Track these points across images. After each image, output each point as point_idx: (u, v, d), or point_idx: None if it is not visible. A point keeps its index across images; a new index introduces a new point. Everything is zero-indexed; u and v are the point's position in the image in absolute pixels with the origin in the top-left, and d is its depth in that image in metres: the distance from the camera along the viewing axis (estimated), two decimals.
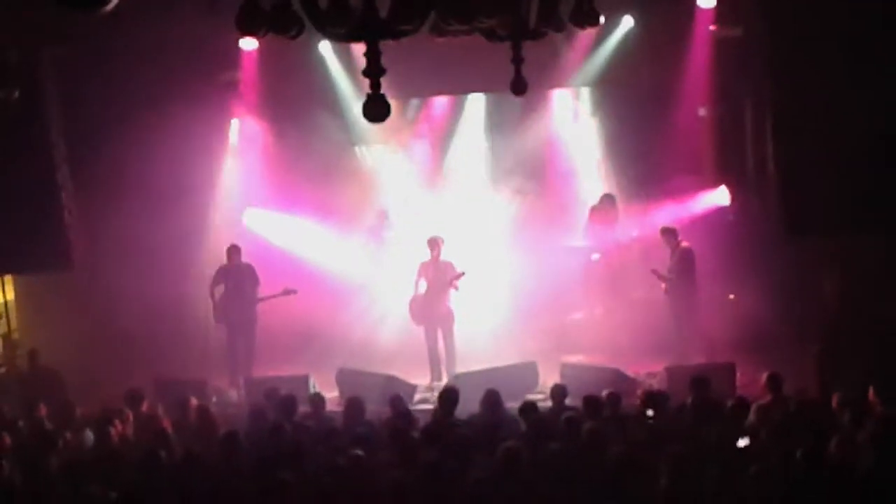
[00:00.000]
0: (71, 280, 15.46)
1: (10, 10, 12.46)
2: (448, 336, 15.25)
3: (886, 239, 13.87)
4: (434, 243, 15.27)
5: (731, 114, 16.16)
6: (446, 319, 15.25)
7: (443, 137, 17.44)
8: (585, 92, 16.95)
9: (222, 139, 16.73)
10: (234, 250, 15.58)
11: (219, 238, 16.18)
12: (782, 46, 13.52)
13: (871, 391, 10.47)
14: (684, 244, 15.03)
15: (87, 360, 15.04)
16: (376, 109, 4.94)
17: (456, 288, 15.08)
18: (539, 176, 16.94)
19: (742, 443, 9.66)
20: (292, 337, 15.87)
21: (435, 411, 11.54)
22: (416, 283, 15.38)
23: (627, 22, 15.30)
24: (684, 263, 14.93)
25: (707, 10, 14.99)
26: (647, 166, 16.19)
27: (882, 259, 14.07)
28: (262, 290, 15.50)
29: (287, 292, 15.33)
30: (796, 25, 13.18)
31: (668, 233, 15.10)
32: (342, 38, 5.07)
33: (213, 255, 15.92)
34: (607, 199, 16.72)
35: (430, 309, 15.20)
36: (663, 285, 15.00)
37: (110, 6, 6.58)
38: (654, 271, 15.01)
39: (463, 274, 15.00)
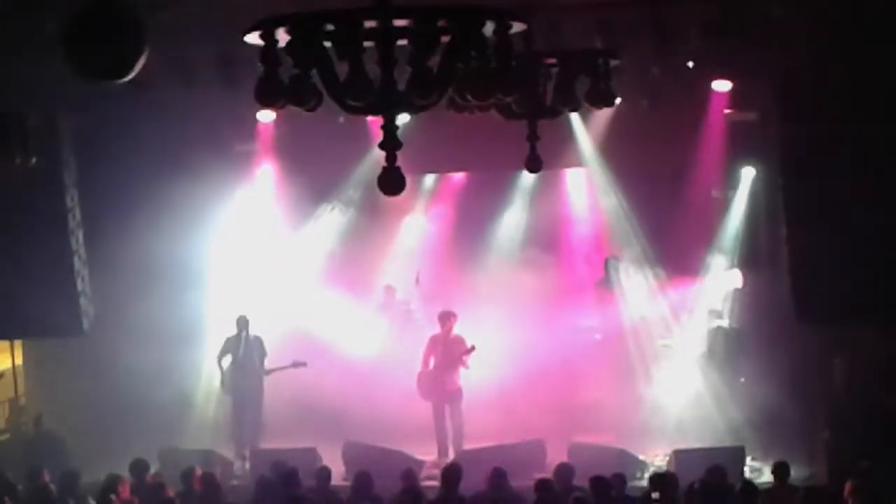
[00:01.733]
0: (80, 346, 15.43)
1: (31, 79, 12.58)
2: (456, 413, 15.18)
3: (894, 327, 13.83)
4: (446, 318, 15.26)
5: (745, 196, 16.19)
6: (455, 396, 15.20)
7: (456, 211, 17.45)
8: (599, 170, 17.01)
9: (236, 208, 16.77)
10: (242, 321, 15.58)
11: (229, 308, 16.16)
12: (796, 132, 13.58)
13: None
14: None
15: (93, 427, 15.01)
16: (392, 182, 4.96)
17: (466, 366, 15.04)
18: (552, 250, 16.93)
19: None
20: (299, 409, 15.80)
21: (439, 488, 11.49)
22: (426, 358, 15.34)
23: (643, 103, 15.39)
24: (726, 342, 15.11)
25: (722, 94, 15.08)
26: (661, 246, 16.21)
27: (889, 347, 14.01)
28: (271, 362, 15.47)
29: (296, 365, 15.31)
30: (810, 111, 13.25)
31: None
32: (360, 111, 5.11)
33: (223, 326, 15.91)
34: (610, 264, 16.62)
35: (439, 385, 15.15)
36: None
37: (129, 77, 6.67)
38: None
39: (473, 349, 14.96)
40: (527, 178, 16.62)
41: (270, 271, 16.86)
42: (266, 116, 15.73)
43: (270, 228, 16.98)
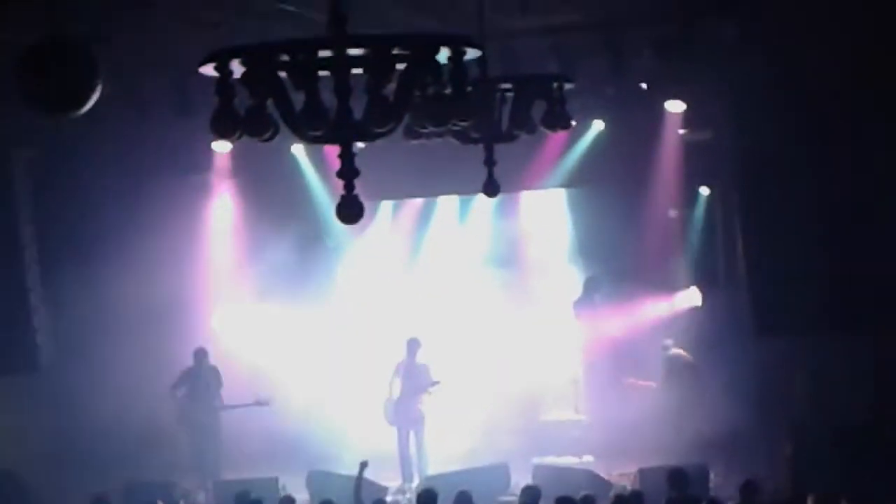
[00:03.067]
0: (38, 382, 15.29)
1: None
2: (420, 438, 15.17)
3: (854, 340, 13.93)
4: (413, 345, 15.25)
5: (701, 215, 16.30)
6: (419, 422, 15.17)
7: (414, 235, 17.44)
8: (557, 192, 17.04)
9: (193, 240, 16.67)
10: (200, 353, 15.51)
11: (189, 337, 16.06)
12: (750, 149, 13.69)
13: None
14: (673, 352, 15.34)
15: (53, 464, 14.83)
16: (350, 210, 4.96)
17: (430, 394, 15.05)
18: (514, 271, 16.93)
19: None
20: (261, 439, 15.71)
21: None
22: (391, 384, 15.31)
23: (598, 125, 15.48)
24: (673, 370, 15.16)
25: (676, 115, 15.19)
26: (618, 266, 16.25)
27: (849, 360, 14.11)
28: (232, 396, 15.38)
29: (259, 403, 15.19)
30: (764, 129, 13.37)
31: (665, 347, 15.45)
32: (317, 140, 5.11)
33: (182, 357, 15.82)
34: (589, 286, 16.64)
35: (403, 411, 15.12)
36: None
37: (83, 110, 6.65)
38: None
39: (438, 383, 15.00)
40: (485, 201, 16.63)
41: (231, 300, 16.79)
42: (222, 146, 15.69)
43: (228, 257, 16.90)
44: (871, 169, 12.94)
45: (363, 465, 12.87)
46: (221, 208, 16.74)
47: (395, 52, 5.01)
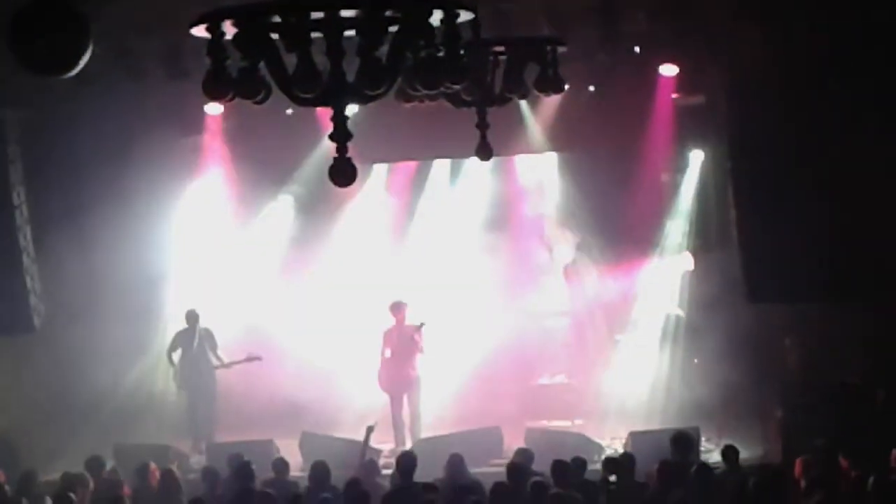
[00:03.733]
0: (30, 343, 15.31)
1: None
2: (414, 402, 15.20)
3: (847, 306, 13.98)
4: (398, 308, 15.25)
5: (694, 179, 16.29)
6: (413, 385, 15.20)
7: (408, 198, 17.43)
8: (549, 156, 17.03)
9: (186, 202, 16.65)
10: (192, 315, 15.52)
11: (181, 302, 16.08)
12: (742, 115, 13.68)
13: (842, 460, 10.48)
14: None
15: (46, 426, 14.88)
16: (343, 173, 4.96)
17: (422, 350, 15.05)
18: (505, 235, 16.93)
19: None
20: (256, 401, 15.77)
21: (393, 476, 11.54)
22: (382, 351, 15.33)
23: (591, 88, 15.44)
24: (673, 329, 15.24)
25: (669, 79, 15.15)
26: (610, 231, 16.28)
27: (842, 326, 14.16)
28: (226, 356, 15.42)
29: (251, 359, 15.26)
30: (757, 94, 13.35)
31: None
32: (309, 102, 5.10)
33: (176, 319, 15.85)
34: (581, 249, 16.67)
35: (397, 375, 15.15)
36: None
37: (74, 71, 6.62)
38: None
39: (421, 325, 14.96)
40: (477, 164, 16.61)
41: (223, 264, 16.78)
42: (214, 108, 15.65)
43: (222, 221, 16.88)
44: (866, 135, 12.94)
45: (370, 429, 12.97)
46: (214, 170, 16.69)
47: (387, 13, 5.00)
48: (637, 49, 13.86)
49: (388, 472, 12.40)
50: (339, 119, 5.01)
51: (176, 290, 16.38)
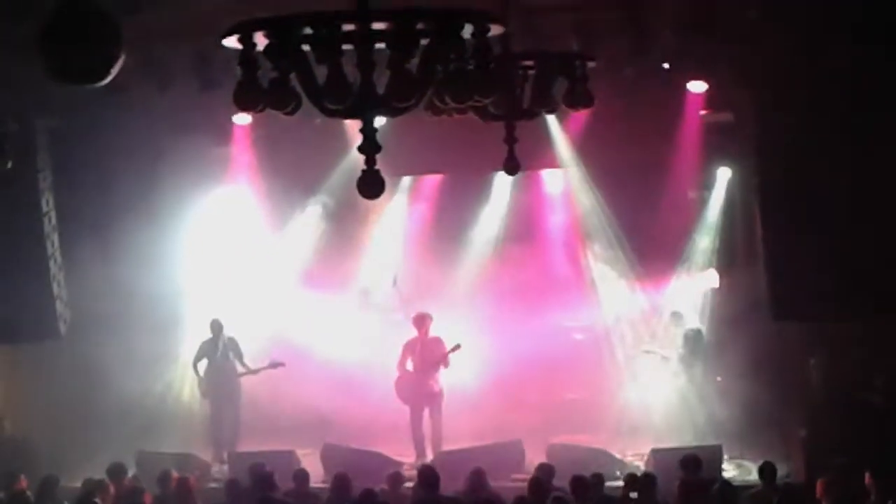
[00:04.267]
0: (55, 350, 15.38)
1: (7, 83, 12.56)
2: (436, 414, 15.18)
3: (871, 325, 13.91)
4: (421, 320, 15.24)
5: (721, 196, 16.25)
6: (435, 398, 15.19)
7: (434, 211, 17.44)
8: (576, 172, 17.03)
9: (213, 212, 16.71)
10: (216, 325, 15.56)
11: (205, 310, 16.12)
12: (771, 132, 13.64)
13: (867, 476, 10.40)
14: (692, 325, 15.16)
15: (69, 432, 14.93)
16: (372, 185, 4.96)
17: (447, 365, 15.04)
18: (531, 249, 16.91)
19: None
20: (278, 412, 15.80)
21: (415, 489, 11.54)
22: (402, 363, 15.32)
23: (619, 103, 15.43)
24: (694, 344, 15.04)
25: (697, 95, 15.14)
26: (637, 246, 16.27)
27: (866, 345, 14.10)
28: (247, 364, 15.46)
29: (274, 365, 15.30)
30: (786, 112, 13.31)
31: (675, 316, 15.25)
32: (339, 114, 5.11)
33: (201, 328, 15.89)
34: (606, 263, 16.66)
35: (419, 388, 15.14)
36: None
37: (105, 81, 6.66)
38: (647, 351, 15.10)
39: (458, 347, 14.96)
40: (504, 178, 16.62)
41: (249, 274, 16.82)
42: (242, 119, 15.73)
43: (248, 231, 16.93)
44: (893, 153, 12.88)
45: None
46: (242, 180, 16.74)
47: (418, 26, 5.01)
48: (666, 65, 13.84)
49: (409, 484, 12.40)
50: (369, 131, 5.01)
51: (201, 300, 16.42)
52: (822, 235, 13.27)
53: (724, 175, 16.20)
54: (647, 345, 15.36)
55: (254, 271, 16.91)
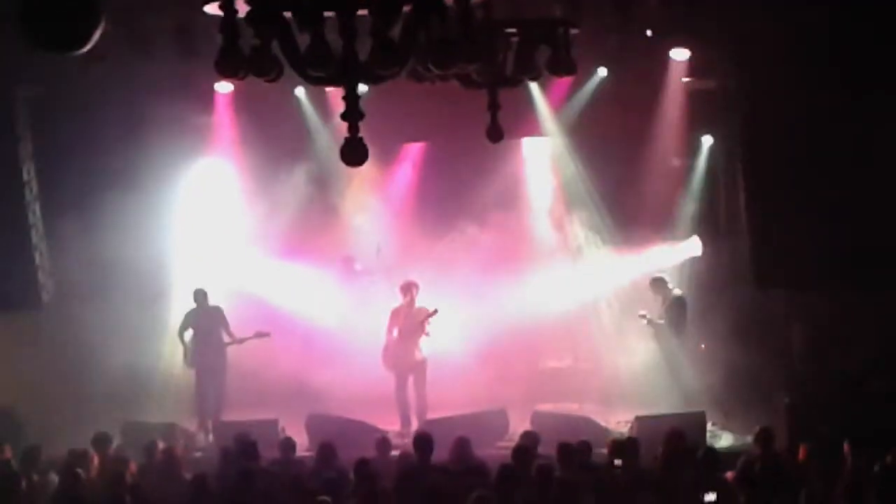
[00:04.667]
0: (38, 320, 15.34)
1: None
2: (420, 383, 15.19)
3: (853, 293, 13.96)
4: (407, 289, 15.23)
5: (704, 164, 16.24)
6: (419, 367, 15.20)
7: (417, 179, 17.41)
8: (558, 139, 17.01)
9: (194, 180, 16.64)
10: (199, 294, 15.51)
11: (189, 280, 16.08)
12: (755, 100, 13.64)
13: (846, 445, 10.46)
14: (677, 291, 15.16)
15: (53, 402, 14.88)
16: (355, 153, 4.95)
17: (426, 333, 15.03)
18: (515, 217, 16.88)
19: (709, 497, 9.61)
20: (262, 381, 15.79)
21: (402, 456, 11.54)
22: (390, 329, 15.32)
23: (602, 72, 15.41)
24: (679, 310, 15.05)
25: (681, 63, 15.12)
26: (620, 214, 16.27)
27: (848, 313, 14.16)
28: (233, 334, 15.43)
29: (259, 335, 15.26)
30: (769, 79, 13.31)
31: (659, 282, 15.23)
32: (321, 81, 5.09)
33: (183, 297, 15.85)
34: (591, 231, 16.66)
35: (403, 356, 15.14)
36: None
37: (85, 49, 6.60)
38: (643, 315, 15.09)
39: (435, 312, 14.94)
40: (487, 145, 16.52)
41: (233, 243, 16.78)
42: (224, 87, 15.65)
43: (232, 200, 16.88)
44: (877, 121, 12.90)
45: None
46: (224, 149, 16.67)
47: None
48: (649, 32, 13.81)
49: (395, 452, 12.41)
50: (352, 99, 5.00)
51: (186, 269, 16.37)
52: (806, 203, 13.31)
53: (707, 143, 16.19)
54: (641, 311, 15.34)
55: (238, 240, 16.86)
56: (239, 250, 16.84)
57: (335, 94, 5.05)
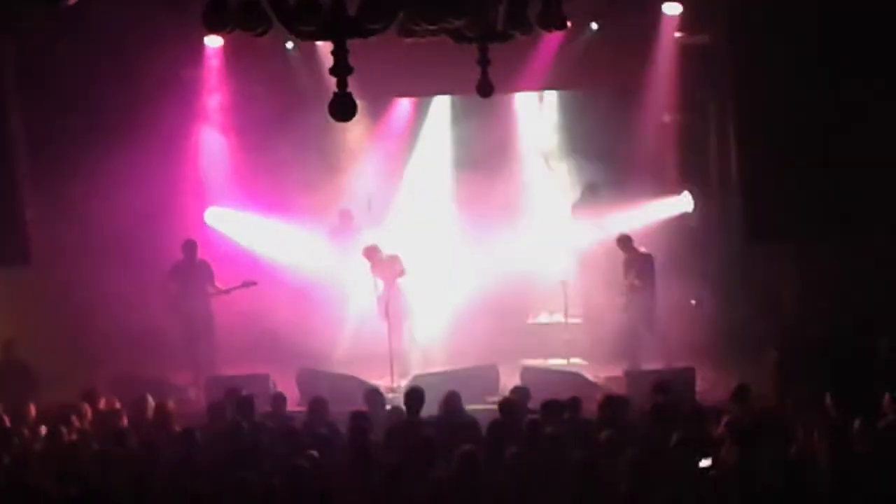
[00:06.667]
0: (29, 275, 15.30)
1: None
2: (408, 333, 15.25)
3: (844, 247, 13.99)
4: (370, 254, 15.31)
5: (696, 120, 16.19)
6: (402, 315, 15.22)
7: (407, 135, 17.37)
8: (550, 95, 16.94)
9: (184, 135, 16.56)
10: (189, 245, 15.46)
11: (180, 235, 16.03)
12: (747, 55, 13.61)
13: (827, 398, 10.53)
14: (643, 250, 15.12)
15: (43, 357, 14.89)
16: (343, 108, 4.92)
17: (403, 274, 15.12)
18: (504, 173, 16.85)
19: (704, 463, 9.61)
20: (253, 336, 15.81)
21: (393, 410, 11.58)
22: (375, 285, 15.42)
23: (593, 27, 15.33)
24: (647, 269, 15.01)
25: (673, 18, 15.05)
26: (611, 170, 16.24)
27: (838, 267, 14.19)
28: (221, 285, 15.40)
29: (246, 284, 15.24)
30: (761, 34, 13.27)
31: (625, 240, 15.16)
32: (310, 35, 5.04)
33: (174, 251, 15.82)
34: (590, 190, 16.64)
35: (389, 305, 15.16)
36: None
37: (74, 0, 6.54)
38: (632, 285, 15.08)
39: (404, 273, 15.04)
40: (478, 100, 16.46)
41: (223, 196, 16.75)
42: (214, 41, 15.55)
43: (221, 152, 16.83)
44: (869, 75, 12.87)
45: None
46: (213, 103, 16.60)
47: None
48: None
49: (388, 407, 12.43)
50: (340, 53, 4.96)
51: (174, 222, 16.32)
52: (797, 158, 13.32)
53: (699, 98, 16.12)
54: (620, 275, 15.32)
55: (228, 193, 16.83)
56: (228, 203, 16.80)
57: (325, 48, 5.02)
